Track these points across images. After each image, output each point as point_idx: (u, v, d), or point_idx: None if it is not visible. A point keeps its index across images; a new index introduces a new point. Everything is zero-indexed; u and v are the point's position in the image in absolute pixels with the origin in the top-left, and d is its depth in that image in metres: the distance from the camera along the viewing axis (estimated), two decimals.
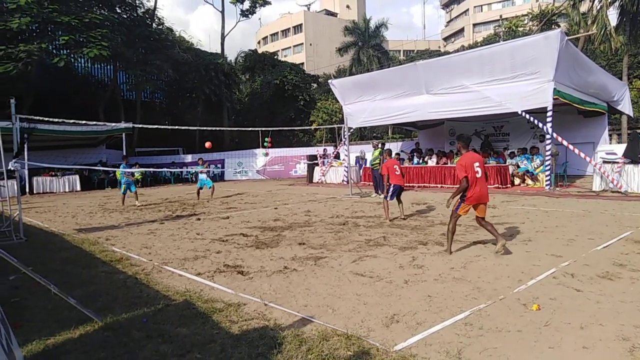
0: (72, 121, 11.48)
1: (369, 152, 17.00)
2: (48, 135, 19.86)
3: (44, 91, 25.63)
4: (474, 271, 5.09)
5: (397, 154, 20.53)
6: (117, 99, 30.49)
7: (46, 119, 10.53)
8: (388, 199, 9.10)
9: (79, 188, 22.54)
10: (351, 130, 19.88)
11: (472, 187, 5.71)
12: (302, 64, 55.60)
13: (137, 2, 29.88)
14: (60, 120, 10.93)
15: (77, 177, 22.67)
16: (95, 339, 3.50)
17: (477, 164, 5.76)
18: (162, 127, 15.88)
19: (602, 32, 22.57)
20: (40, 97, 25.07)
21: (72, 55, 25.57)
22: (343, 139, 20.13)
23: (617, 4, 22.82)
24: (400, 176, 9.13)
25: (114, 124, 20.34)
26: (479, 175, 5.73)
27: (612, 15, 23.71)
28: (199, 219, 10.36)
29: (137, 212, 12.17)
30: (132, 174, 14.30)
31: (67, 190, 22.26)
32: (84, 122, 11.84)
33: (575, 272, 4.90)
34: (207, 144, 18.24)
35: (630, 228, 7.35)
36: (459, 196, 5.89)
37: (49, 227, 9.84)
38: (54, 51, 25.47)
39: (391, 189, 9.07)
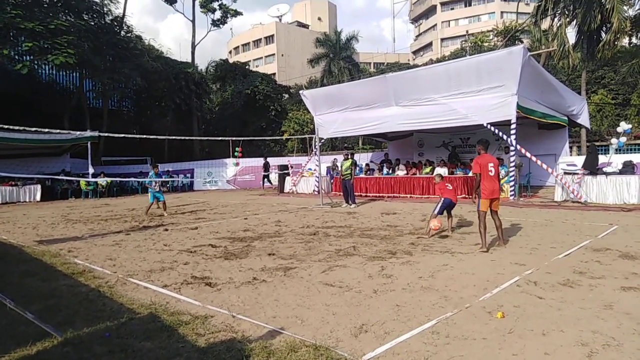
0: (34, 129, 11.08)
1: (339, 162, 17.11)
2: (8, 143, 19.13)
3: (6, 98, 24.72)
4: (441, 280, 5.16)
5: (367, 164, 20.94)
6: (83, 107, 29.64)
7: (7, 126, 10.12)
8: (436, 212, 8.09)
9: (39, 198, 21.67)
10: (322, 140, 19.93)
11: (483, 182, 6.72)
12: (274, 74, 55.66)
13: (104, 9, 29.26)
14: (22, 128, 10.52)
15: (38, 186, 21.81)
16: (54, 355, 3.36)
17: (491, 164, 6.79)
18: (130, 136, 15.42)
19: (561, 49, 23.50)
20: (1, 104, 24.17)
21: (36, 62, 24.79)
22: (314, 150, 20.18)
23: (574, 22, 23.80)
24: (452, 191, 8.42)
25: (79, 133, 19.71)
26: (491, 174, 6.74)
27: (571, 33, 24.74)
28: (166, 230, 10.14)
29: (102, 223, 11.82)
30: (161, 184, 13.82)
31: (28, 200, 21.40)
32: (47, 130, 11.42)
33: (538, 280, 5.04)
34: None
35: (590, 237, 7.63)
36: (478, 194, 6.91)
37: (7, 239, 9.42)
38: (17, 57, 24.64)
39: (441, 202, 8.17)
